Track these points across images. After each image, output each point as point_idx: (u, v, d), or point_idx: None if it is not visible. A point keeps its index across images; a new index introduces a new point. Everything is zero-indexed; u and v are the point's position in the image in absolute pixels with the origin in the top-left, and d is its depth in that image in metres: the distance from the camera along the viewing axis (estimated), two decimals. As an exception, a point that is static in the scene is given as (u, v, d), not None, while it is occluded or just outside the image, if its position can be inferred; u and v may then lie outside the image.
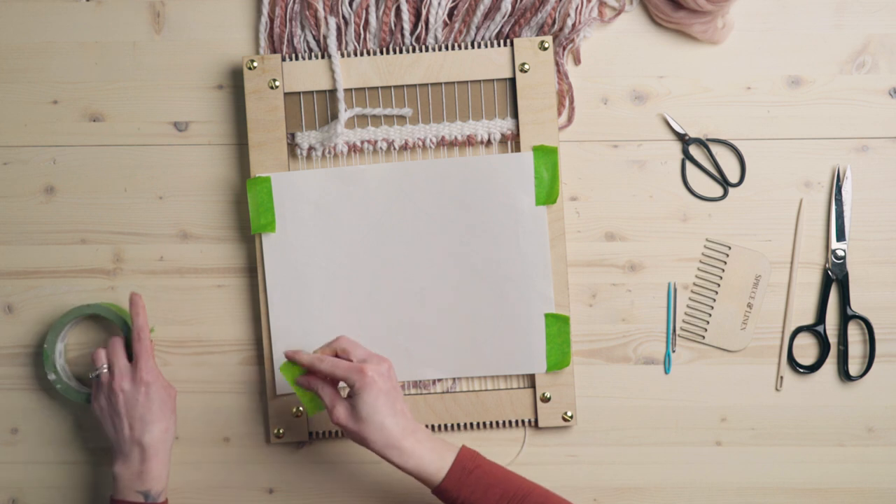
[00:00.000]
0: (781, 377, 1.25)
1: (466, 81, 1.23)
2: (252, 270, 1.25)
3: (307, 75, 1.23)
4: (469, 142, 1.23)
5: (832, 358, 1.25)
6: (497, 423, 1.25)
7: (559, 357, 1.23)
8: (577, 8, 1.22)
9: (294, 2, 1.23)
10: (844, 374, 1.25)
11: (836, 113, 1.24)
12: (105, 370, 1.18)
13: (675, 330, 1.25)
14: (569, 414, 1.24)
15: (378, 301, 1.23)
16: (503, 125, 1.23)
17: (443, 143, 1.23)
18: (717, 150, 1.24)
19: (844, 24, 1.24)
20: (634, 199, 1.25)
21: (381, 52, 1.22)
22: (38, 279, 1.26)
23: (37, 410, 1.27)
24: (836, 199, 1.24)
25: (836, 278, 1.24)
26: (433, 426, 1.24)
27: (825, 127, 1.24)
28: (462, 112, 1.23)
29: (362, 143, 1.24)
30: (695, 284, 1.25)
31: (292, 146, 1.24)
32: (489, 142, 1.23)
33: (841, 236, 1.24)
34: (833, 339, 1.25)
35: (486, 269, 1.23)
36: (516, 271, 1.22)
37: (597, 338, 1.25)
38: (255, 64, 1.22)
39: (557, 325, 1.22)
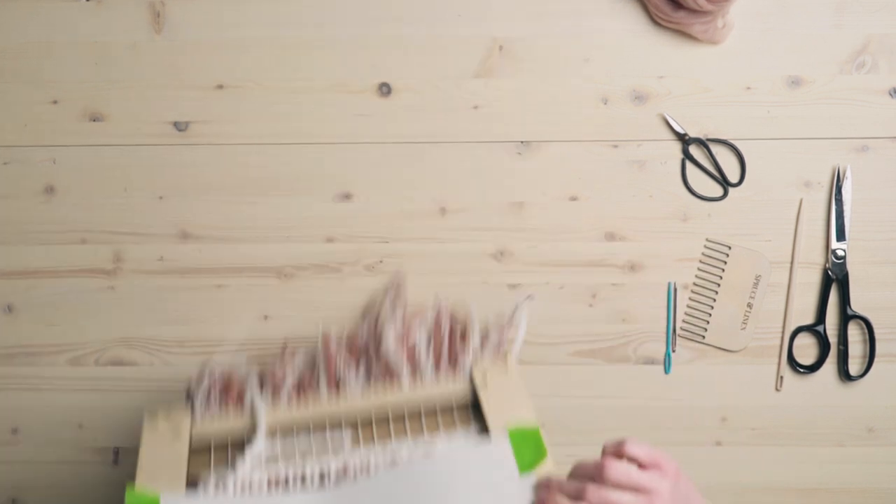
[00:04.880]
0: (781, 377, 1.25)
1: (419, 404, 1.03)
2: (252, 270, 1.25)
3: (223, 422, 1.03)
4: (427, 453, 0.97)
5: (832, 358, 1.25)
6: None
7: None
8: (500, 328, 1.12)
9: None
10: (844, 374, 1.25)
11: (836, 113, 1.24)
12: None
13: (675, 330, 1.25)
14: None
15: None
16: (466, 431, 1.01)
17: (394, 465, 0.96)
18: (717, 150, 1.24)
19: (844, 24, 1.24)
20: (634, 199, 1.25)
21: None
22: (38, 279, 1.26)
23: (37, 410, 1.27)
24: (835, 199, 1.24)
25: (836, 278, 1.24)
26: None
27: (825, 127, 1.24)
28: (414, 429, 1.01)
29: (285, 478, 0.97)
30: (695, 284, 1.25)
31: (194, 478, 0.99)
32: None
33: (841, 236, 1.24)
34: (833, 339, 1.25)
35: None
36: None
37: (597, 338, 1.25)
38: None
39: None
